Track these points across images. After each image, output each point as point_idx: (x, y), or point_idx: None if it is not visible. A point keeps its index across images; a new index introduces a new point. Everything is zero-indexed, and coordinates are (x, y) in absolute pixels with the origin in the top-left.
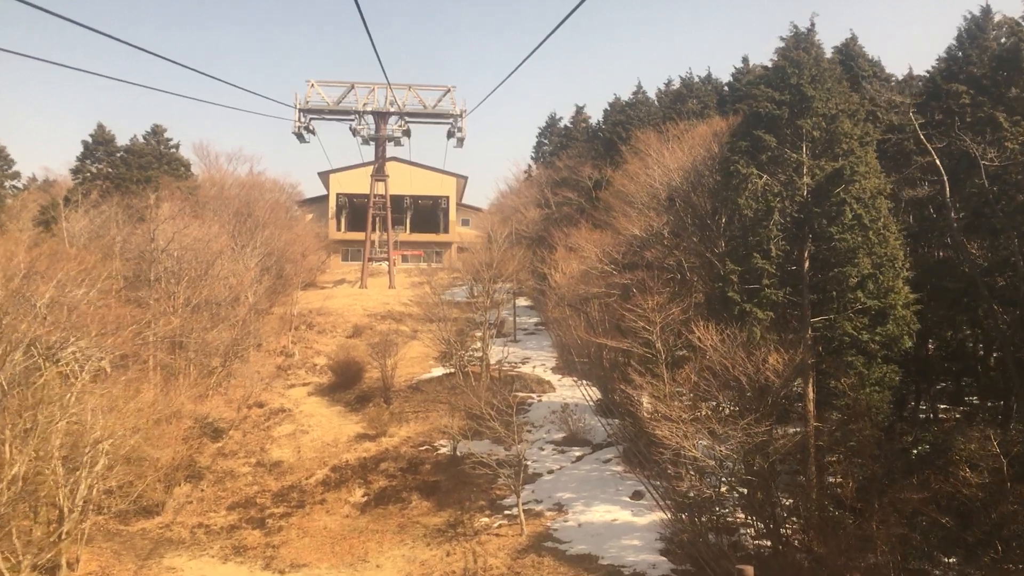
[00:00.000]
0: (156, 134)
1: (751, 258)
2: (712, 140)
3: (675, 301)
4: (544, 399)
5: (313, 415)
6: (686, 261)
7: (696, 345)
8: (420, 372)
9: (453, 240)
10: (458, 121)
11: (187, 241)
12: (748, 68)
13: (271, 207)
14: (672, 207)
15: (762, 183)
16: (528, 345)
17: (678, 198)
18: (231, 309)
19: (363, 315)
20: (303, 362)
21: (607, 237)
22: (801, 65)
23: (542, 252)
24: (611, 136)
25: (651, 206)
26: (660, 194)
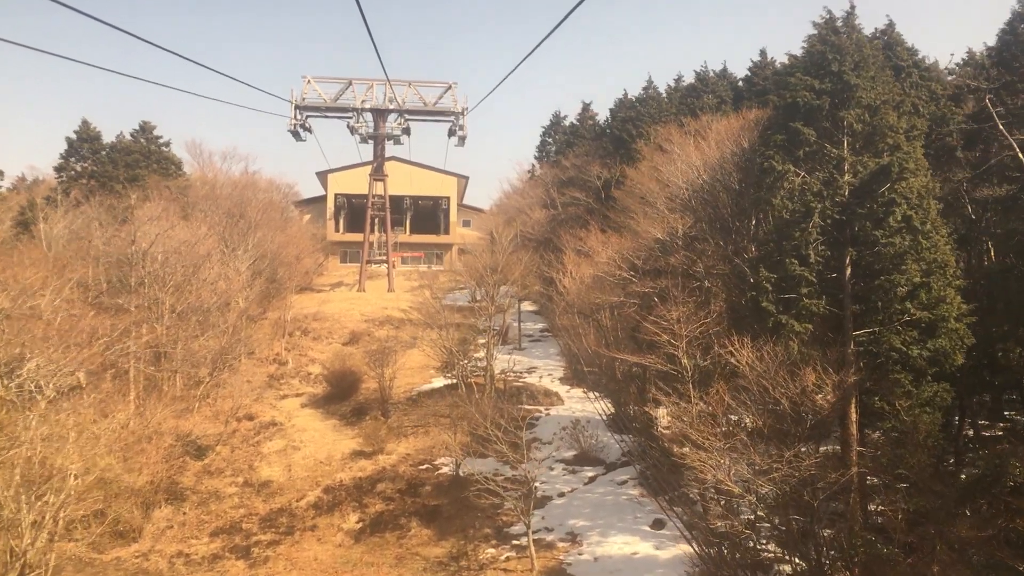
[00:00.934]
0: (145, 131)
1: (787, 264)
2: (741, 134)
3: (702, 312)
4: (552, 412)
5: (306, 429)
6: (712, 268)
7: (728, 362)
8: (420, 382)
9: (454, 241)
10: (460, 119)
11: (172, 244)
12: (766, 62)
13: (264, 208)
14: (698, 208)
15: (799, 181)
16: (534, 353)
17: (704, 198)
18: (220, 315)
19: (360, 320)
20: (297, 371)
21: (625, 241)
22: (843, 50)
23: (548, 255)
24: (621, 133)
25: (672, 207)
26: (683, 193)
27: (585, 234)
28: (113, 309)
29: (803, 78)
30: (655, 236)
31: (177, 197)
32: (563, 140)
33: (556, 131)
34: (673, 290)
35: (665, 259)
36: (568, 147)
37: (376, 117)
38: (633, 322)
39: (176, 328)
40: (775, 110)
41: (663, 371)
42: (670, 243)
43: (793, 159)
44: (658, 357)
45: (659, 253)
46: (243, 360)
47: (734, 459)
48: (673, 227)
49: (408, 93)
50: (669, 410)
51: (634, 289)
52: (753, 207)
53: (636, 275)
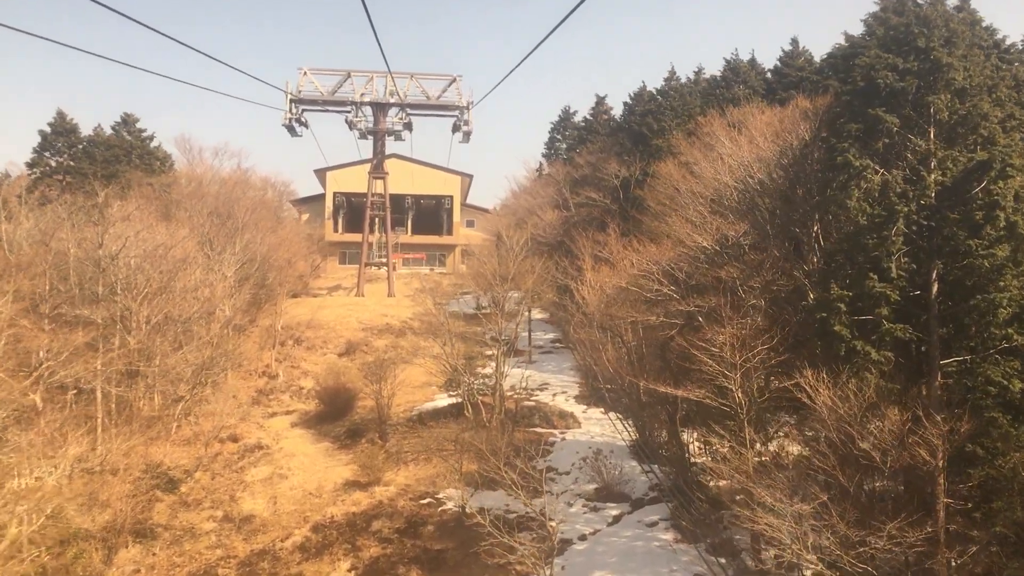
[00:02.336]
0: (127, 124)
1: (864, 279)
2: (795, 126)
3: (761, 336)
4: (568, 436)
5: (295, 454)
6: (772, 283)
7: (795, 398)
8: (422, 400)
9: (457, 242)
10: (464, 113)
11: (148, 247)
12: (798, 51)
13: (254, 207)
14: (750, 211)
15: (879, 179)
16: (545, 367)
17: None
18: (204, 326)
19: (358, 329)
20: (287, 385)
21: (664, 250)
22: (930, 23)
23: (562, 260)
24: (640, 128)
25: (718, 210)
26: (731, 194)
27: (604, 238)
28: (77, 322)
29: (883, 56)
30: (700, 244)
31: (160, 195)
32: (575, 136)
33: (566, 127)
34: (726, 310)
35: (713, 272)
36: (581, 143)
37: (376, 111)
38: (662, 339)
39: (151, 341)
40: (837, 97)
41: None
42: (719, 253)
43: (871, 153)
44: (705, 389)
45: (705, 265)
46: (229, 374)
47: (815, 527)
48: (723, 234)
49: (410, 86)
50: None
51: (676, 307)
52: (816, 210)
53: (678, 290)
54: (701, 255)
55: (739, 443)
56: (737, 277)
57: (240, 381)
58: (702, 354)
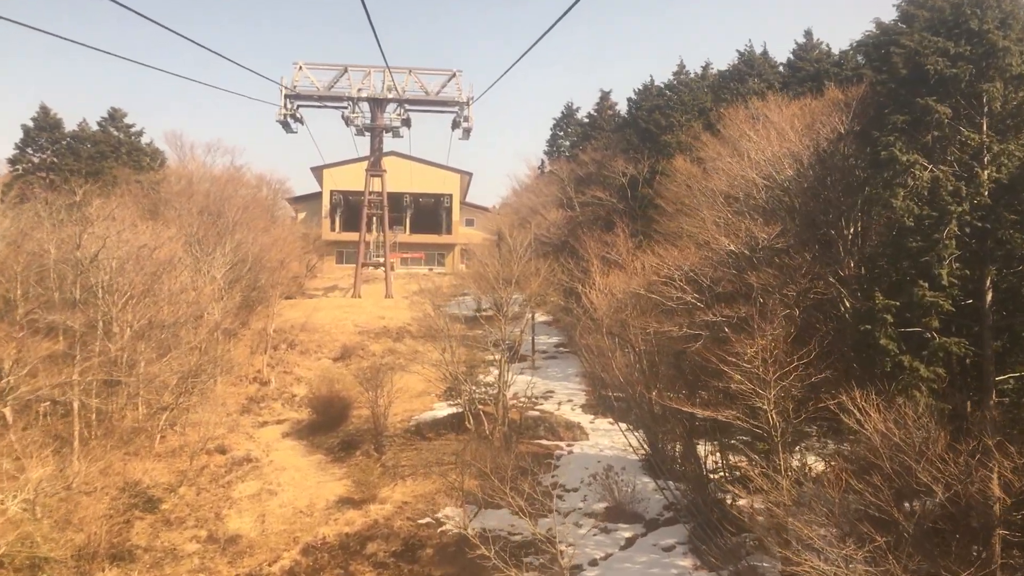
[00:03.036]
0: (114, 119)
1: (911, 287)
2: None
3: (797, 350)
4: (575, 449)
5: (286, 468)
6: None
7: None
8: (420, 409)
9: (457, 242)
10: (464, 109)
11: (130, 247)
12: (812, 44)
13: (245, 205)
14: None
15: (928, 176)
16: (550, 373)
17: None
18: (191, 330)
19: (354, 332)
20: (280, 392)
21: (687, 254)
22: (983, 3)
23: (567, 260)
24: (648, 124)
25: (743, 209)
26: (757, 193)
27: (611, 239)
28: (53, 328)
29: (930, 39)
30: (727, 247)
31: (147, 193)
32: (579, 133)
33: (569, 124)
34: (757, 320)
35: (742, 278)
36: (585, 140)
37: (373, 107)
38: (677, 348)
39: (134, 348)
40: (872, 87)
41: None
42: (748, 257)
43: (918, 147)
44: (733, 408)
45: (732, 270)
46: (218, 381)
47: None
48: (752, 236)
49: (408, 81)
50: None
51: (700, 317)
52: (854, 210)
53: (702, 298)
54: (728, 259)
55: (773, 469)
56: (770, 284)
57: (230, 388)
58: (731, 369)
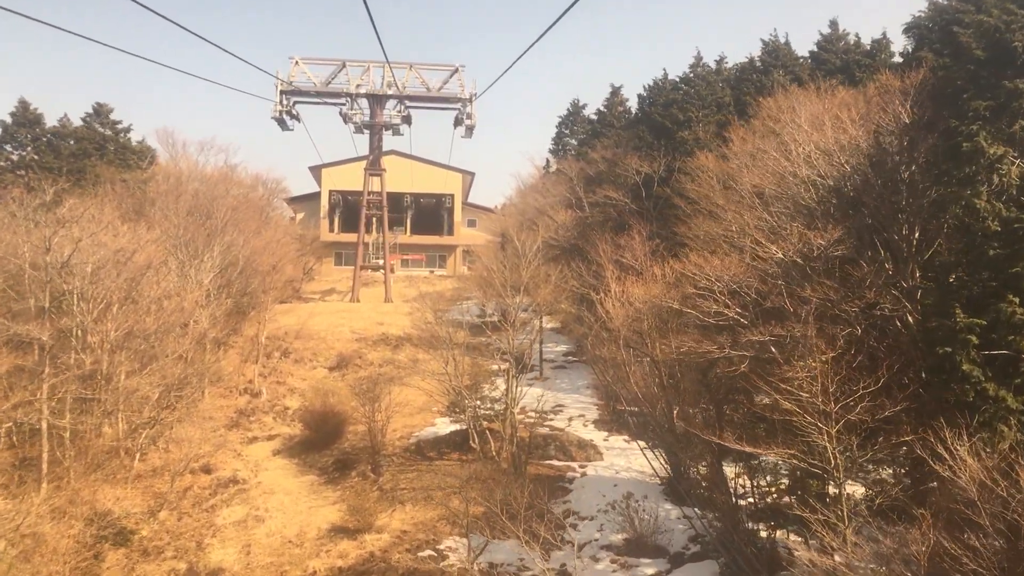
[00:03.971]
0: (99, 115)
1: (997, 303)
2: (890, 104)
3: (863, 378)
4: (590, 471)
5: (274, 491)
6: (876, 306)
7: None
8: (421, 425)
9: (459, 243)
10: (467, 106)
11: (107, 252)
12: (838, 34)
13: (236, 205)
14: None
15: (1017, 171)
16: (559, 385)
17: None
18: (175, 340)
19: (351, 339)
20: (271, 404)
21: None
22: None
23: (578, 265)
24: (663, 120)
25: (788, 211)
26: (804, 193)
27: (626, 241)
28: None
29: (1017, 12)
30: (776, 256)
31: (132, 193)
32: (589, 130)
33: (575, 121)
34: (818, 342)
35: (792, 292)
36: (594, 138)
37: (373, 104)
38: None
39: (111, 361)
40: (933, 72)
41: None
42: (802, 267)
43: (1003, 138)
44: (787, 446)
45: (782, 282)
46: (206, 392)
47: None
48: (809, 242)
49: (409, 77)
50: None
51: (745, 336)
52: (919, 212)
53: (746, 314)
54: (778, 269)
55: (824, 504)
56: (829, 298)
57: (218, 400)
58: (783, 398)
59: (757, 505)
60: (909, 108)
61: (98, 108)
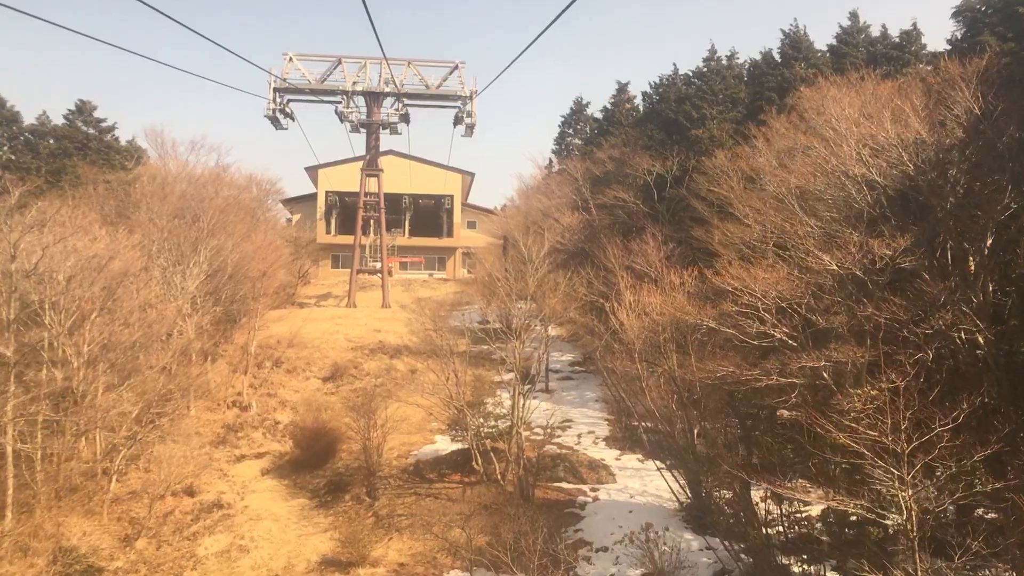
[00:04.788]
0: (82, 112)
1: None
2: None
3: (941, 413)
4: (602, 495)
5: (262, 517)
6: (955, 326)
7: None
8: (420, 443)
9: (458, 245)
10: (467, 104)
11: (79, 258)
12: (858, 27)
13: (225, 208)
14: (916, 219)
15: None
16: (566, 398)
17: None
18: (158, 352)
19: (346, 347)
20: (261, 418)
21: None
22: None
23: (586, 271)
24: (676, 116)
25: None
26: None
27: (638, 246)
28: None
29: None
30: (829, 266)
31: (114, 194)
32: (595, 128)
33: (578, 120)
34: (887, 370)
35: (850, 309)
36: (601, 136)
37: (369, 101)
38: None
39: (84, 377)
40: (997, 57)
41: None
42: (862, 281)
43: None
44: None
45: (838, 298)
46: (192, 406)
47: None
48: (870, 253)
49: (407, 74)
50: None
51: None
52: (995, 215)
53: (795, 335)
54: (831, 282)
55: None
56: (898, 317)
57: (205, 414)
58: (844, 436)
59: (787, 534)
60: (978, 97)
61: (81, 105)
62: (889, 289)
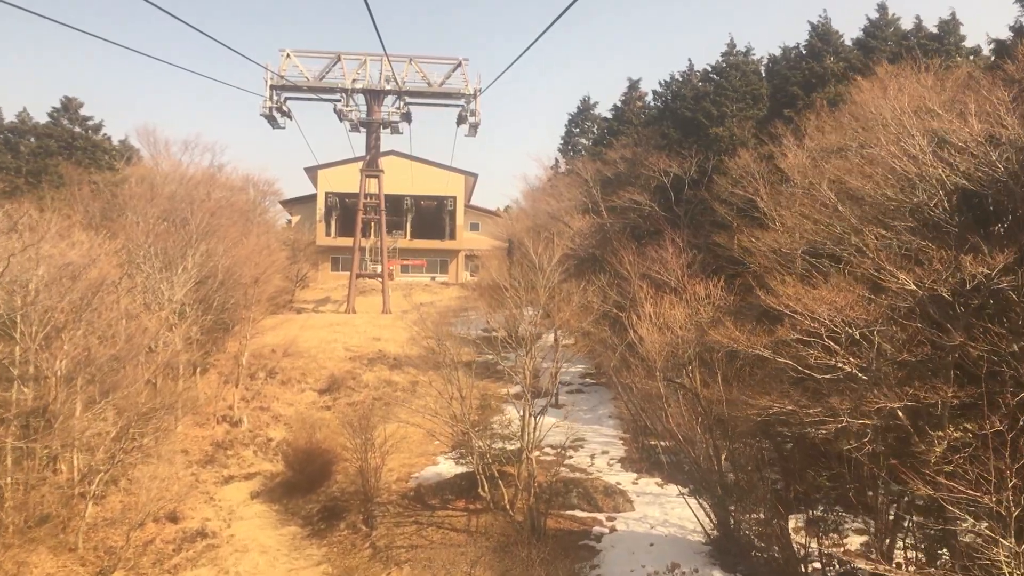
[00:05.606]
0: (68, 110)
1: None
2: None
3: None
4: (619, 525)
5: (249, 548)
6: None
7: None
8: (422, 464)
9: (461, 248)
10: (471, 102)
11: (52, 265)
12: (887, 19)
13: (216, 210)
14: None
15: None
16: (578, 413)
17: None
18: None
19: (344, 357)
20: (252, 435)
21: (847, 299)
22: None
23: (598, 278)
24: (695, 114)
25: (912, 225)
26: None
27: (656, 252)
28: None
29: None
30: (907, 287)
31: (100, 196)
32: (604, 128)
33: (585, 119)
34: (990, 416)
35: (934, 339)
36: (611, 136)
37: (370, 99)
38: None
39: (57, 396)
40: None
41: None
42: (949, 304)
43: None
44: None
45: (921, 324)
46: (179, 422)
47: None
48: (959, 269)
49: (409, 71)
50: None
51: (871, 402)
52: None
53: (868, 368)
54: (912, 306)
55: None
56: (998, 348)
57: (193, 430)
58: (926, 488)
59: (825, 572)
60: None
61: (66, 103)
62: (980, 315)
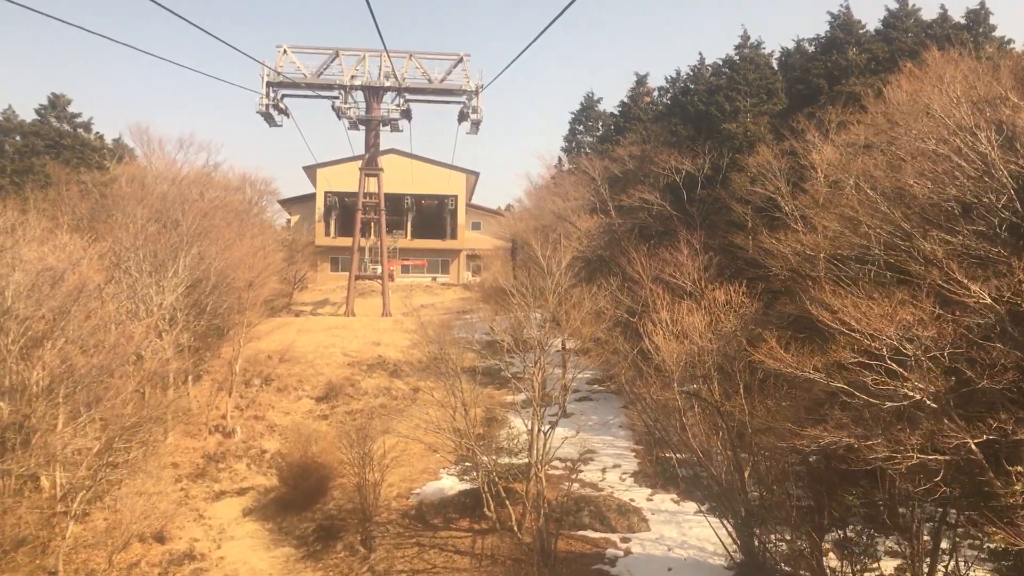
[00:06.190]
0: (55, 107)
1: None
2: None
3: None
4: (635, 547)
5: (239, 572)
6: None
7: None
8: (423, 480)
9: (462, 247)
10: (473, 99)
11: (30, 271)
12: (908, 10)
13: (209, 211)
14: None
15: None
16: (588, 425)
17: None
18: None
19: (343, 363)
20: (246, 446)
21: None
22: None
23: (608, 281)
24: (708, 108)
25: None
26: (998, 199)
27: (670, 254)
28: None
29: None
30: (983, 299)
31: (91, 196)
32: (610, 124)
33: (589, 116)
34: None
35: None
36: (618, 133)
37: (369, 96)
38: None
39: (35, 410)
40: None
41: None
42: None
43: None
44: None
45: (999, 344)
46: (168, 433)
47: None
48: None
49: (409, 67)
50: None
51: (945, 437)
52: None
53: (938, 397)
54: (990, 323)
55: None
56: None
57: (184, 441)
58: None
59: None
60: None
61: (54, 100)
62: None
